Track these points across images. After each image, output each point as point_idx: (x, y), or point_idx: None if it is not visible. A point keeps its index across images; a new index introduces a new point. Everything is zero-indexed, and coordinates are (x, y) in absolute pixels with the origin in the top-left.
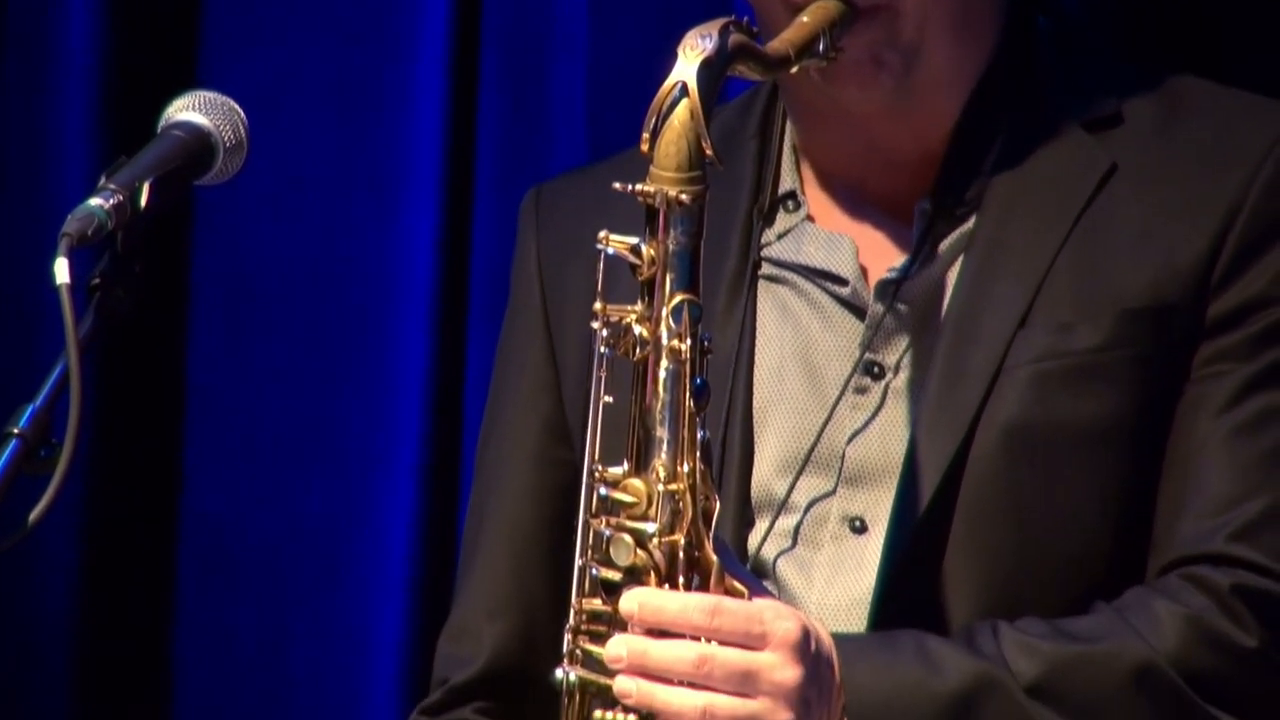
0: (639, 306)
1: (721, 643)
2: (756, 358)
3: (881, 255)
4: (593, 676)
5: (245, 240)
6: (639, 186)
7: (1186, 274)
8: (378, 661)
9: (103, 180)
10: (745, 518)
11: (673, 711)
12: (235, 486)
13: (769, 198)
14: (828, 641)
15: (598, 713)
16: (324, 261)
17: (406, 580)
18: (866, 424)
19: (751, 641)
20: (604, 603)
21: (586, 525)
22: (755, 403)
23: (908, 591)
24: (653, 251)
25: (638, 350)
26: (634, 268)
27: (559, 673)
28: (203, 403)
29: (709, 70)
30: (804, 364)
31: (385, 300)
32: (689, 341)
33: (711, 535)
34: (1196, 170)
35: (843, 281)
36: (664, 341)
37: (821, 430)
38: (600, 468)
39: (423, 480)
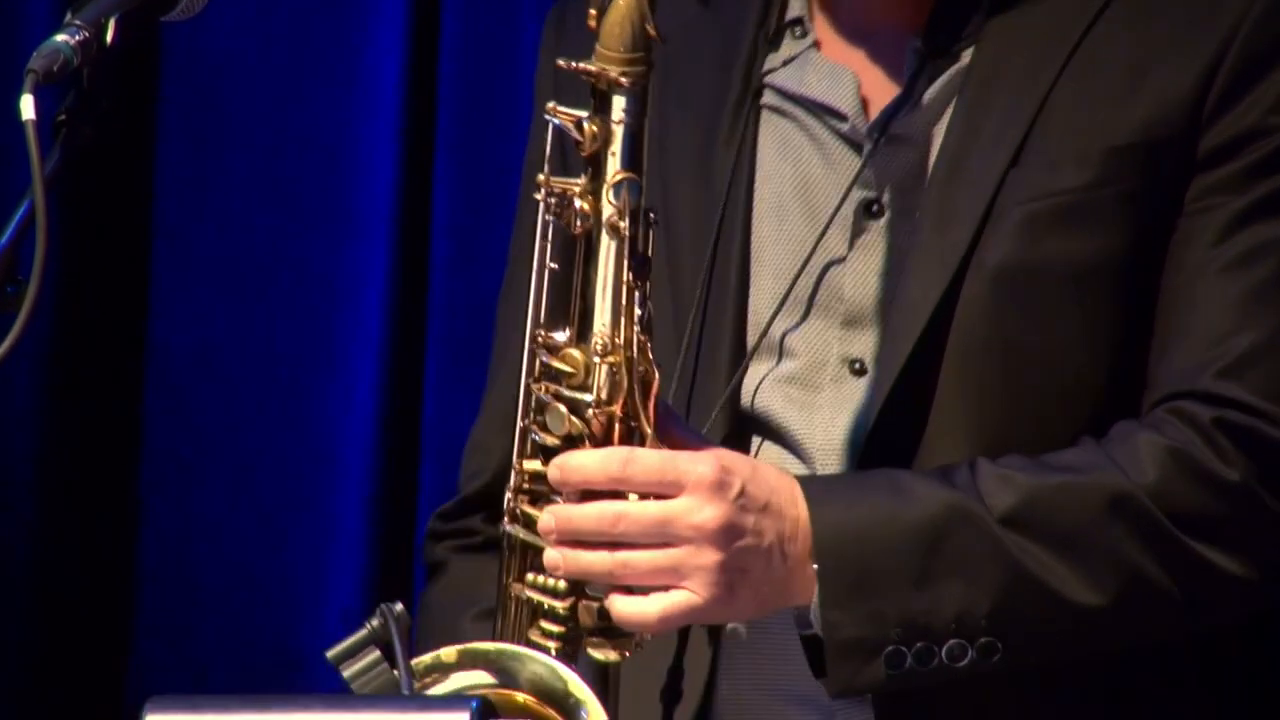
0: (583, 180)
1: (640, 495)
2: (755, 193)
3: (884, 90)
4: (530, 539)
5: (212, 76)
6: (583, 64)
7: (1178, 108)
8: (344, 493)
9: (68, 16)
10: (740, 359)
11: (595, 571)
12: (201, 322)
13: (776, 22)
14: (769, 481)
15: (529, 575)
16: (290, 98)
17: (373, 411)
18: (863, 262)
19: (666, 489)
20: (543, 464)
21: (528, 389)
22: (753, 241)
23: (897, 432)
24: (594, 129)
25: (579, 224)
26: (577, 144)
27: (503, 528)
28: (169, 240)
29: None
30: (803, 200)
31: (352, 136)
32: (627, 220)
33: (653, 404)
34: (1191, 2)
35: (842, 117)
36: (604, 217)
37: (818, 269)
38: (542, 333)
39: (389, 316)
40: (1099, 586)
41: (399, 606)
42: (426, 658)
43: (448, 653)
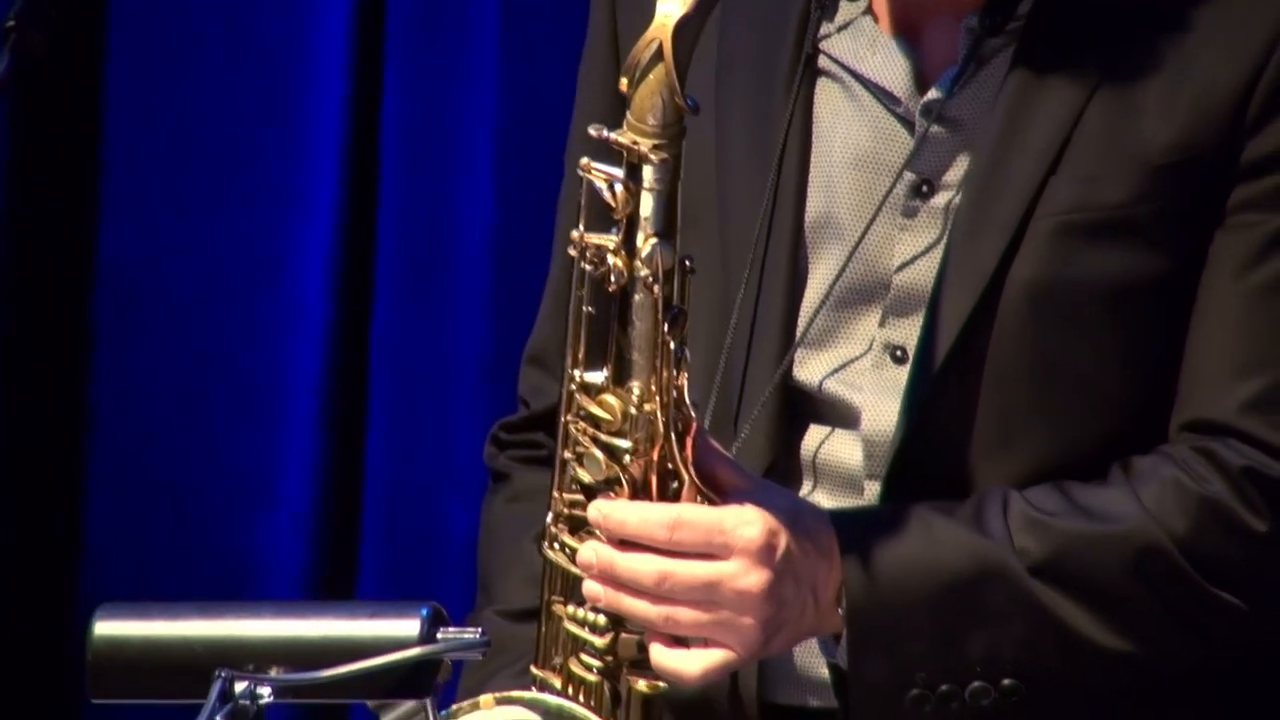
0: (616, 237)
1: (684, 555)
2: (811, 171)
3: (937, 66)
4: (570, 567)
5: None
6: (614, 135)
7: (1218, 115)
8: (295, 401)
9: None
10: (789, 341)
11: (638, 618)
12: (151, 231)
13: None
14: (809, 531)
15: (570, 608)
16: (240, 4)
17: (323, 320)
18: (912, 247)
19: (714, 551)
20: (583, 496)
21: (565, 425)
22: (806, 218)
23: (927, 433)
24: (626, 194)
25: (613, 280)
26: (609, 206)
27: (544, 551)
28: (119, 148)
29: (684, 31)
30: (852, 177)
31: (302, 44)
32: (660, 281)
33: (690, 449)
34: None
35: (894, 98)
36: (638, 275)
37: (866, 252)
38: (580, 374)
39: (339, 224)
40: (1125, 634)
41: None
42: (465, 705)
43: (486, 700)
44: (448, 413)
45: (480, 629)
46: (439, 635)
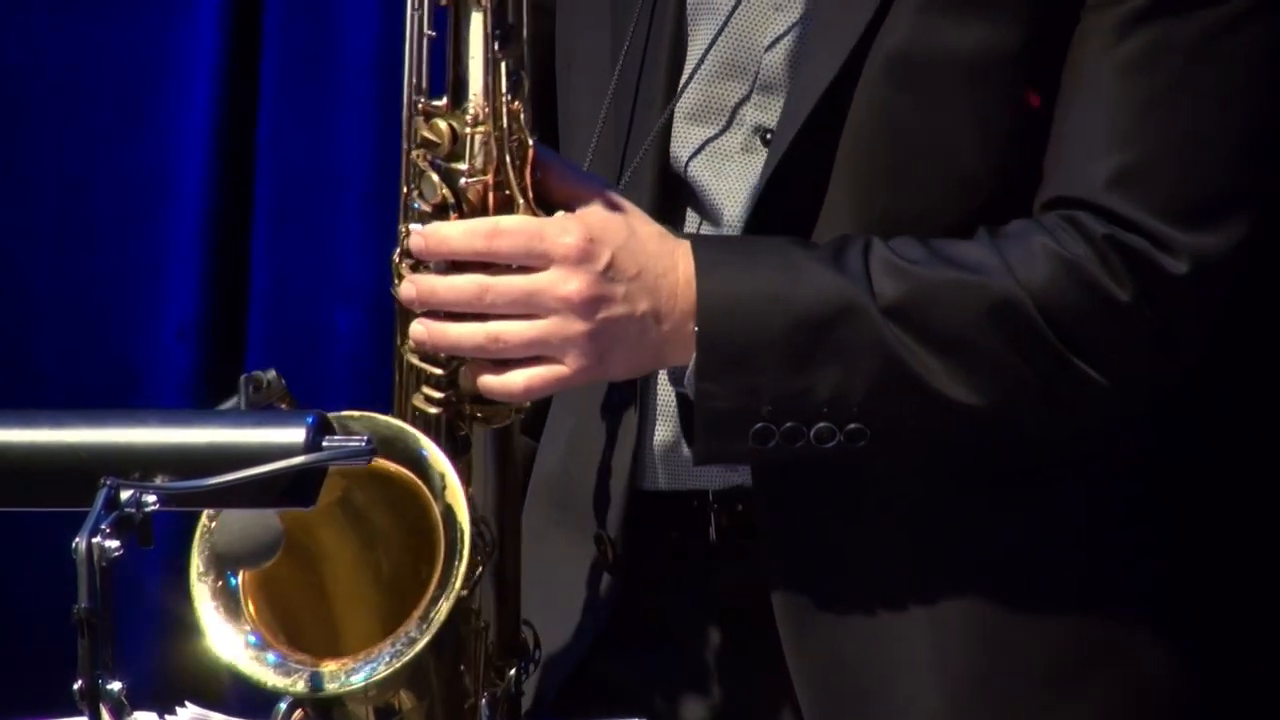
0: None
1: (506, 267)
2: None
3: None
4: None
5: None
6: None
7: None
8: (180, 208)
9: None
10: (667, 121)
11: (465, 346)
12: (35, 30)
13: None
14: (645, 247)
15: (412, 343)
16: None
17: (210, 126)
18: (788, 28)
19: (534, 261)
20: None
21: (406, 156)
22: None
23: (783, 208)
24: None
25: None
26: None
27: (392, 291)
28: None
29: None
30: None
31: None
32: None
33: (529, 173)
34: None
35: None
36: None
37: (740, 31)
38: (422, 99)
39: (225, 23)
40: (972, 386)
41: (271, 373)
42: None
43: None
44: (333, 219)
45: (366, 437)
46: (324, 443)
